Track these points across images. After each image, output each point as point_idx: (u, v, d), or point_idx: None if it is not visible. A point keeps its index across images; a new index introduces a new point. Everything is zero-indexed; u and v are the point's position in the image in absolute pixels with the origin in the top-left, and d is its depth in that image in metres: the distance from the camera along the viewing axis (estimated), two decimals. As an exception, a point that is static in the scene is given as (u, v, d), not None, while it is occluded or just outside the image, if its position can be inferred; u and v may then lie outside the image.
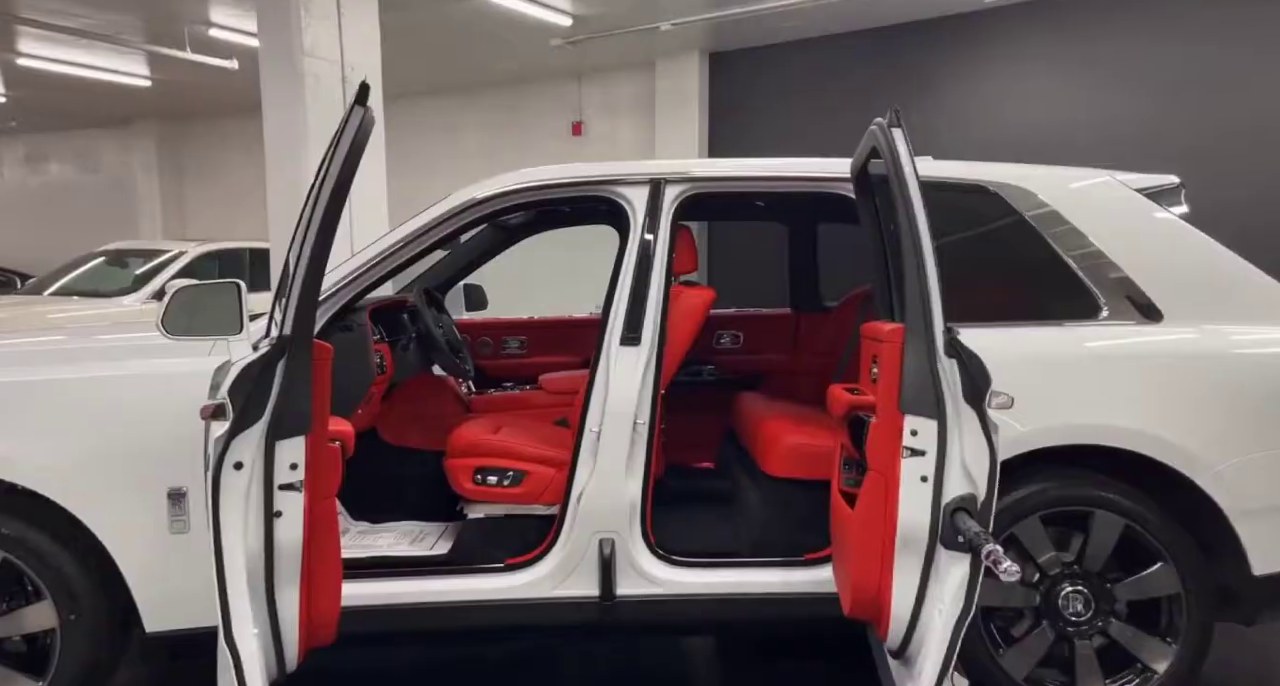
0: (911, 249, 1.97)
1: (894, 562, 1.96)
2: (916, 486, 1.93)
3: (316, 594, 1.97)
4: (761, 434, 3.04)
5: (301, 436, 1.90)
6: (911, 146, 2.06)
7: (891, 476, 1.96)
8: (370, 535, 3.10)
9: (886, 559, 1.98)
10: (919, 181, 2.01)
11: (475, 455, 2.90)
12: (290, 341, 1.88)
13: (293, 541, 1.92)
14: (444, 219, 2.79)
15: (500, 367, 4.13)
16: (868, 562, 2.01)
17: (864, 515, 2.03)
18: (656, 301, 2.75)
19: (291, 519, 1.90)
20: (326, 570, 1.99)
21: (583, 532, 2.70)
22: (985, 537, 1.79)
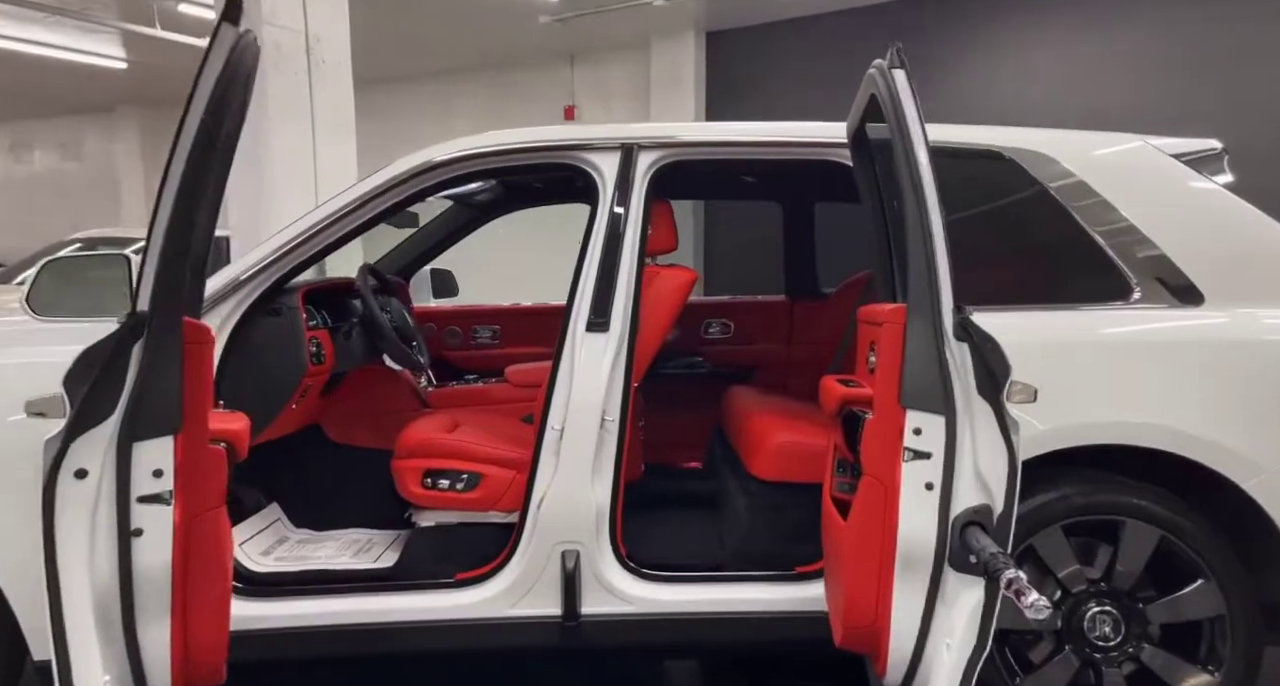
0: (916, 213, 1.67)
1: (893, 585, 1.66)
2: (920, 495, 1.63)
3: (196, 628, 1.66)
4: (749, 431, 2.74)
5: (169, 436, 1.59)
6: (917, 92, 1.76)
7: (890, 482, 1.66)
8: (310, 544, 2.81)
9: (885, 581, 1.68)
10: (925, 132, 1.70)
11: (425, 455, 2.61)
12: (150, 319, 1.56)
13: (158, 566, 1.61)
14: (395, 184, 2.49)
15: (470, 360, 3.84)
16: (862, 584, 1.71)
17: (858, 527, 1.73)
18: (628, 282, 2.45)
19: (156, 538, 1.59)
20: (209, 599, 1.68)
21: (543, 543, 2.41)
22: (1004, 560, 1.49)
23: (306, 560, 2.66)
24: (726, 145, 2.55)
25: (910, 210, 1.68)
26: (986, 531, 1.60)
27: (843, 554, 1.80)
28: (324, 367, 2.65)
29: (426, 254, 3.79)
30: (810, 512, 2.54)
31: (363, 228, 2.53)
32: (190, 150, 1.56)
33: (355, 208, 2.48)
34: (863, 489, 1.73)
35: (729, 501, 2.84)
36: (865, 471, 1.68)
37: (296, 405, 2.63)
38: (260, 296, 2.44)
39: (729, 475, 2.97)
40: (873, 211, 2.24)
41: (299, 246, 2.45)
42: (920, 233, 1.64)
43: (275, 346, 2.48)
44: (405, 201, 2.55)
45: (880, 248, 2.23)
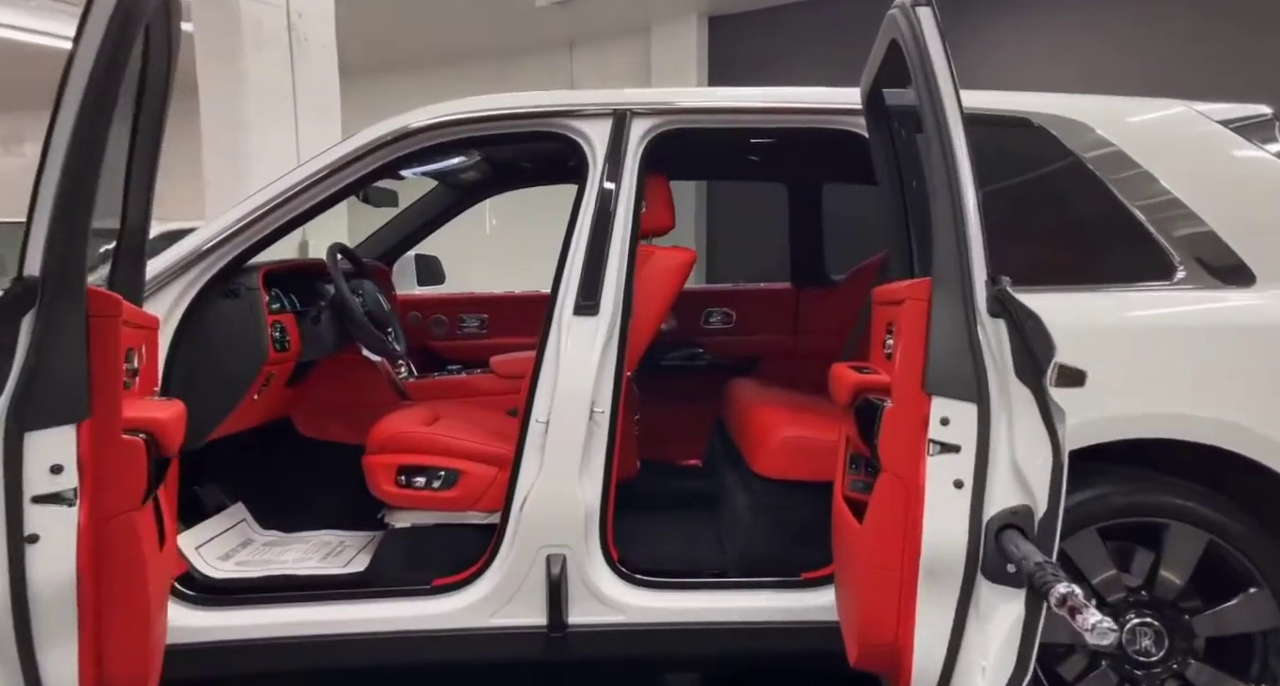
0: (942, 168, 1.46)
1: (917, 598, 1.46)
2: (948, 494, 1.43)
3: (113, 649, 1.46)
4: (751, 426, 2.54)
5: (70, 425, 1.38)
6: (945, 33, 1.55)
7: (913, 480, 1.46)
8: (277, 548, 2.62)
9: (907, 592, 1.48)
10: (954, 72, 1.50)
11: (398, 450, 2.41)
12: (43, 285, 1.35)
13: (59, 577, 1.40)
14: (366, 152, 2.29)
15: (457, 351, 3.64)
16: (881, 596, 1.51)
17: (875, 531, 1.53)
18: (619, 262, 2.26)
19: (56, 545, 1.38)
20: (128, 614, 1.48)
21: (527, 547, 2.22)
22: (1052, 572, 1.28)
23: (270, 564, 2.46)
24: (728, 112, 2.35)
25: (935, 165, 1.48)
26: (1026, 535, 1.40)
27: (857, 561, 1.60)
28: (288, 355, 2.46)
29: (410, 238, 3.60)
30: (818, 513, 2.34)
31: (331, 200, 2.33)
32: (89, 90, 1.34)
33: (322, 178, 2.28)
34: (881, 487, 1.53)
35: (730, 501, 2.65)
36: (884, 467, 1.48)
37: (259, 396, 2.44)
38: (215, 276, 2.24)
39: (730, 473, 2.77)
40: (889, 182, 2.04)
41: (259, 220, 2.25)
42: (948, 191, 1.44)
43: (232, 331, 2.29)
44: (378, 172, 2.35)
45: (896, 223, 2.03)
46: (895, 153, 2.02)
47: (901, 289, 1.55)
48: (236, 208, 2.27)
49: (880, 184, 2.07)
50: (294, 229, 2.33)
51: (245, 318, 2.31)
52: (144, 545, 1.48)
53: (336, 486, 2.83)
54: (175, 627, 2.09)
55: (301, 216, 2.31)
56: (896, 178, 2.01)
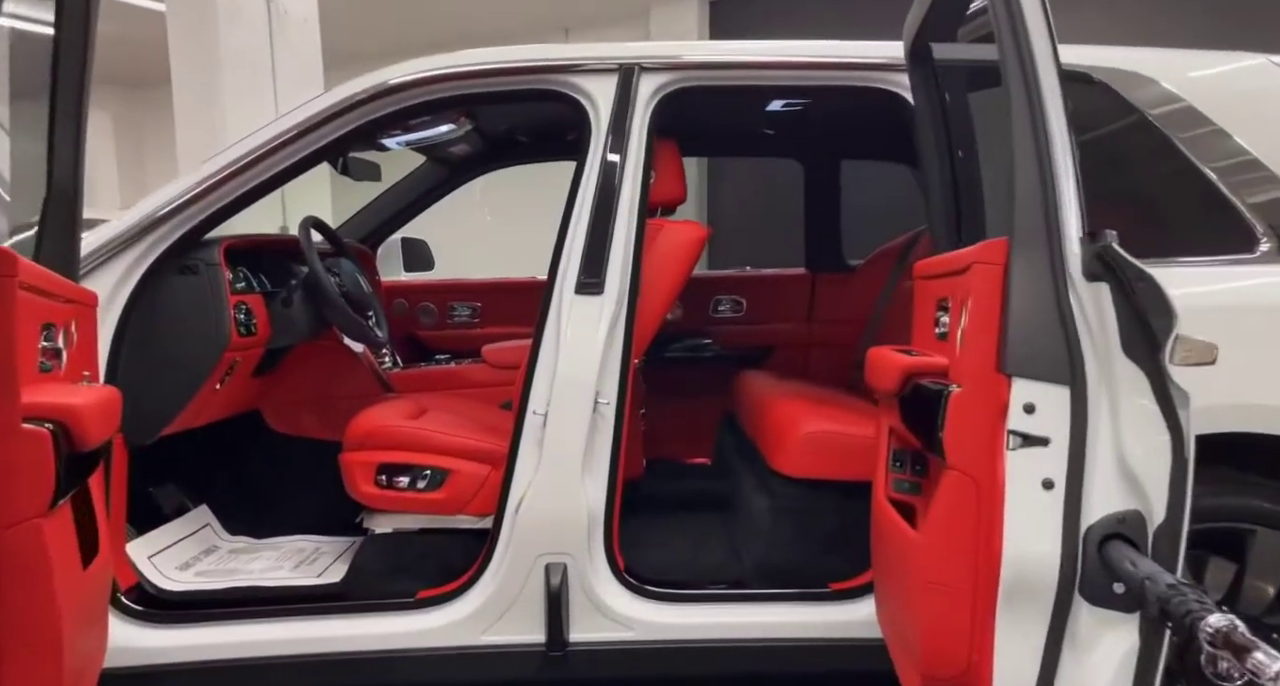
0: (1024, 107, 1.23)
1: (995, 622, 1.22)
2: (1034, 496, 1.19)
3: (10, 681, 1.22)
4: (770, 420, 2.31)
5: None
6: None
7: (988, 479, 1.22)
8: (244, 556, 2.37)
9: (982, 616, 1.24)
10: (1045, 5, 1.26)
11: (378, 446, 2.17)
12: None
13: None
14: (339, 111, 2.05)
15: (446, 341, 3.40)
16: (948, 620, 1.27)
17: (939, 540, 1.29)
18: (626, 236, 2.02)
19: None
20: (30, 639, 1.24)
21: (523, 554, 1.99)
22: (1195, 597, 1.02)
23: (235, 575, 2.22)
24: (749, 67, 2.11)
25: (1017, 105, 1.24)
26: (1137, 547, 1.16)
27: (914, 575, 1.36)
28: (255, 340, 2.21)
29: (396, 219, 3.35)
30: (847, 517, 2.12)
31: (301, 166, 2.09)
32: None
33: (290, 140, 2.04)
34: (946, 488, 1.29)
35: (746, 503, 2.41)
36: (950, 463, 1.25)
37: (223, 386, 2.19)
38: (170, 249, 2.00)
39: (745, 472, 2.54)
40: (934, 145, 1.81)
41: (219, 186, 2.01)
42: (1030, 132, 1.20)
43: (189, 312, 2.05)
44: (354, 135, 2.11)
45: (942, 191, 1.80)
46: (943, 113, 1.78)
47: (967, 254, 1.31)
48: (193, 173, 2.02)
49: (922, 148, 1.84)
50: (259, 198, 2.09)
51: (204, 297, 2.06)
52: (53, 559, 1.24)
53: (312, 487, 2.59)
54: (119, 648, 1.85)
55: (268, 183, 2.06)
56: (944, 139, 1.78)
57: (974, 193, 1.81)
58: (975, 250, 1.27)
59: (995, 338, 1.22)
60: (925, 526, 1.33)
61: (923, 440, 1.44)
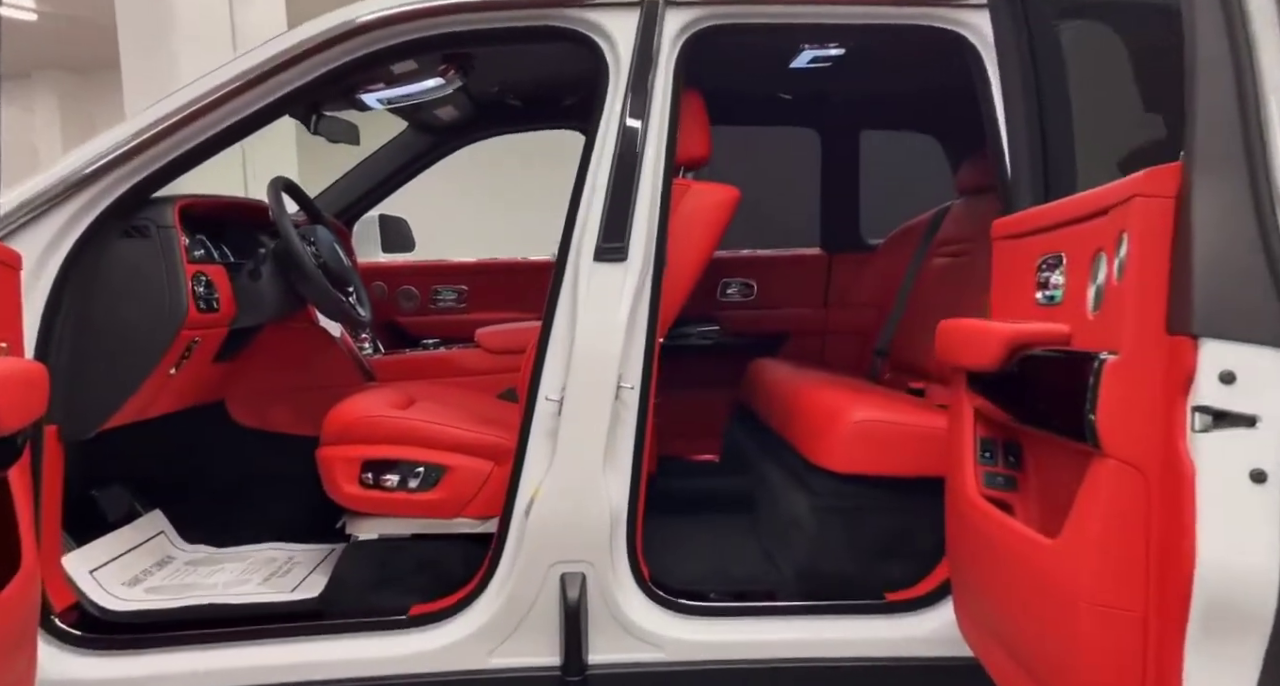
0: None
1: (1184, 656, 0.96)
2: (1237, 491, 0.93)
3: None
4: (808, 409, 2.07)
5: None
6: None
7: (1167, 470, 0.96)
8: (204, 568, 2.08)
9: (1165, 648, 0.97)
10: None
11: (363, 440, 1.89)
12: None
13: None
14: (305, 53, 1.77)
15: (429, 328, 3.11)
16: (1113, 650, 1.01)
17: (1089, 549, 1.03)
18: (652, 196, 1.78)
19: None
20: None
21: (534, 563, 1.73)
22: None
23: (194, 590, 1.93)
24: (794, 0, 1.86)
25: None
26: None
27: (1053, 593, 1.10)
28: (218, 318, 1.92)
29: (373, 193, 3.07)
30: (902, 517, 1.90)
31: (262, 117, 1.80)
32: None
33: (246, 86, 1.75)
34: (1100, 483, 1.01)
35: (778, 504, 2.16)
36: (1108, 452, 0.99)
37: (178, 370, 1.89)
38: (112, 208, 1.70)
39: (773, 469, 2.29)
40: (1018, 84, 1.57)
41: (167, 136, 1.72)
42: (1222, 21, 0.95)
43: (137, 282, 1.76)
44: (323, 84, 1.82)
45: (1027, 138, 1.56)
46: (1030, 46, 1.55)
47: (1117, 189, 1.06)
48: (133, 120, 1.73)
49: (1005, 88, 1.60)
50: (213, 152, 1.80)
51: (155, 264, 1.77)
52: None
53: (282, 488, 2.30)
54: (52, 681, 1.57)
55: (223, 136, 1.78)
56: (1030, 77, 1.54)
57: (1063, 140, 1.57)
58: (1133, 181, 1.02)
59: (1165, 289, 0.98)
60: (1069, 531, 1.08)
61: (1045, 424, 1.20)
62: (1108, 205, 1.08)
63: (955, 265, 2.76)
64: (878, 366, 2.97)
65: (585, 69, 2.66)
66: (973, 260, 2.65)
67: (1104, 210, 1.10)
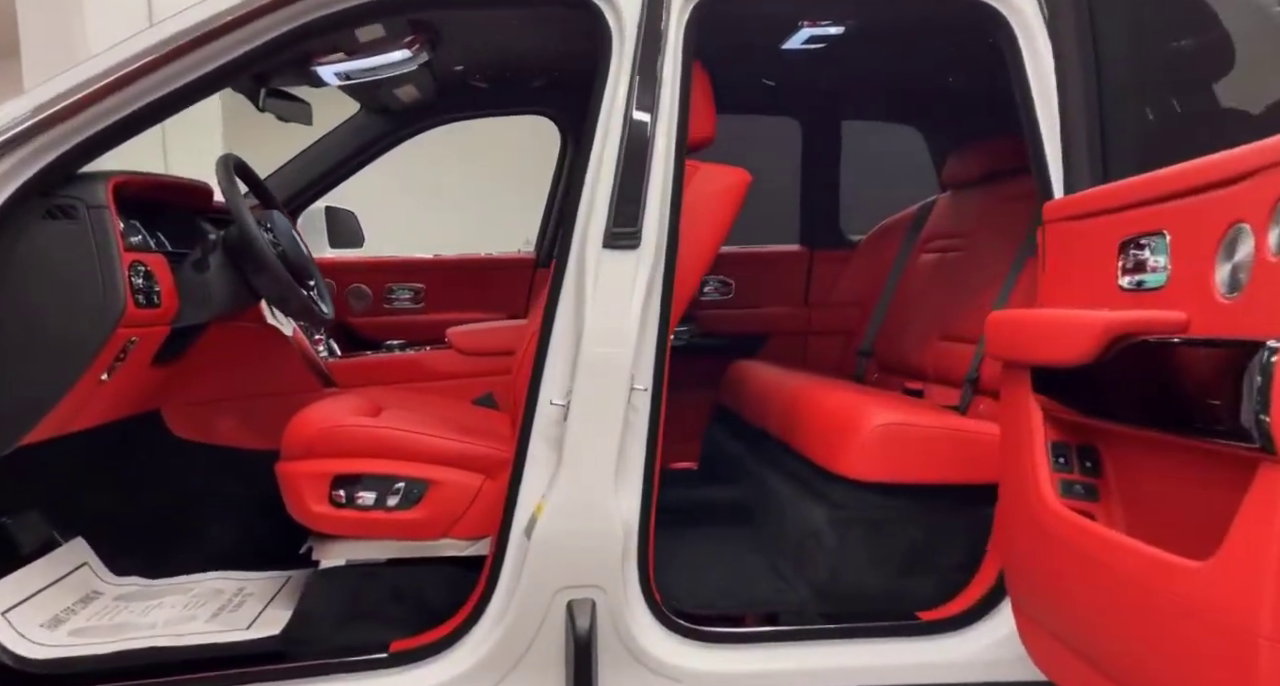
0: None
1: None
2: None
3: None
4: (825, 415, 1.92)
5: None
6: None
7: None
8: (138, 604, 1.81)
9: None
10: None
11: (334, 453, 1.67)
12: None
13: None
14: (250, 15, 1.53)
15: (384, 330, 2.86)
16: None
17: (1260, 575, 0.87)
18: (664, 179, 1.60)
19: None
20: None
21: (538, 589, 1.55)
22: None
23: (127, 631, 1.67)
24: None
25: None
26: None
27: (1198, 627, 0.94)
28: (158, 314, 1.66)
29: (321, 183, 2.82)
30: (931, 528, 1.77)
31: (204, 86, 1.57)
32: None
33: (188, 47, 1.52)
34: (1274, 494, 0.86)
35: (788, 515, 2.01)
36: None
37: (111, 375, 1.63)
38: (29, 184, 1.44)
39: (776, 478, 2.14)
40: (1078, 64, 1.45)
41: (93, 104, 1.47)
42: None
43: (64, 270, 1.50)
44: (275, 49, 1.60)
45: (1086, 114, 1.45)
46: (1090, 16, 1.43)
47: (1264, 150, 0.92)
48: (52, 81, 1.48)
49: (1063, 65, 1.48)
50: (148, 125, 1.56)
51: (85, 250, 1.52)
52: None
53: (229, 509, 2.04)
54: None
55: (160, 105, 1.54)
56: (1091, 54, 1.43)
57: (1122, 116, 1.46)
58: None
59: None
60: (1230, 552, 0.92)
61: (1167, 424, 1.05)
62: (1252, 169, 0.95)
63: (946, 261, 2.66)
64: (863, 367, 2.85)
65: (559, 49, 2.50)
66: (967, 254, 2.56)
67: (1242, 176, 0.97)
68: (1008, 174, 2.49)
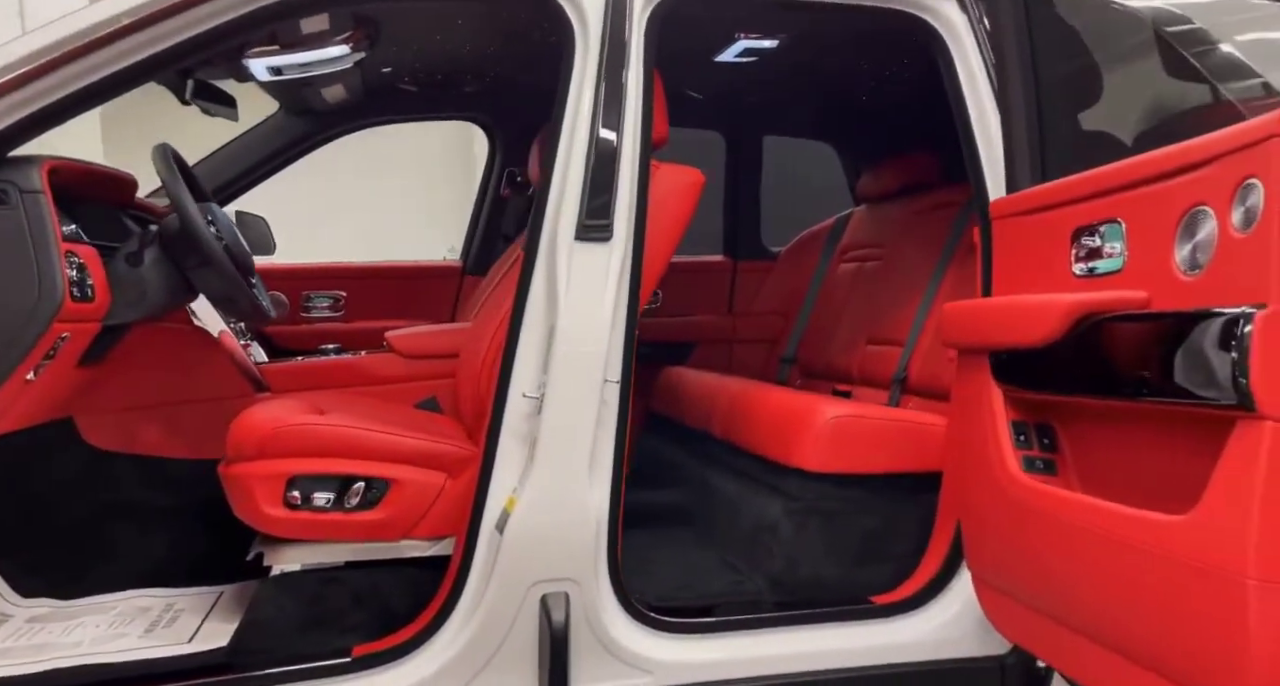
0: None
1: None
2: None
3: None
4: (777, 412, 1.99)
5: None
6: None
7: None
8: (56, 625, 1.69)
9: None
10: None
11: (289, 453, 1.61)
12: None
13: None
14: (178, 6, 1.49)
15: (304, 339, 2.76)
16: None
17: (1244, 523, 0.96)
18: (633, 172, 1.64)
19: None
20: None
21: (511, 584, 1.54)
22: None
23: (51, 651, 1.55)
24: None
25: None
26: None
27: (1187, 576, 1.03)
28: (92, 309, 1.57)
29: (231, 186, 2.72)
30: (882, 516, 1.87)
31: (137, 73, 1.51)
32: None
33: (119, 35, 1.46)
34: (1256, 447, 0.95)
35: (740, 512, 2.06)
36: (1264, 413, 0.95)
37: (37, 374, 1.52)
38: None
39: (724, 477, 2.20)
40: (1018, 67, 1.58)
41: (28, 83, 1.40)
42: None
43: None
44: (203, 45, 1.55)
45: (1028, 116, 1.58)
46: (1028, 22, 1.57)
47: (1253, 129, 1.02)
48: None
49: (1003, 69, 1.60)
50: (77, 112, 1.50)
51: (18, 237, 1.42)
52: None
53: (151, 523, 1.93)
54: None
55: (91, 91, 1.48)
56: (1030, 59, 1.56)
57: (1055, 122, 1.60)
58: (1264, 124, 1.00)
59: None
60: (1211, 505, 1.01)
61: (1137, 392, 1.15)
62: (1210, 157, 1.07)
63: (865, 270, 2.80)
64: (786, 373, 2.95)
65: (495, 54, 2.51)
66: (887, 263, 2.71)
67: (1201, 163, 1.09)
68: (923, 187, 2.67)
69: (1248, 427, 0.98)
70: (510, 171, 2.91)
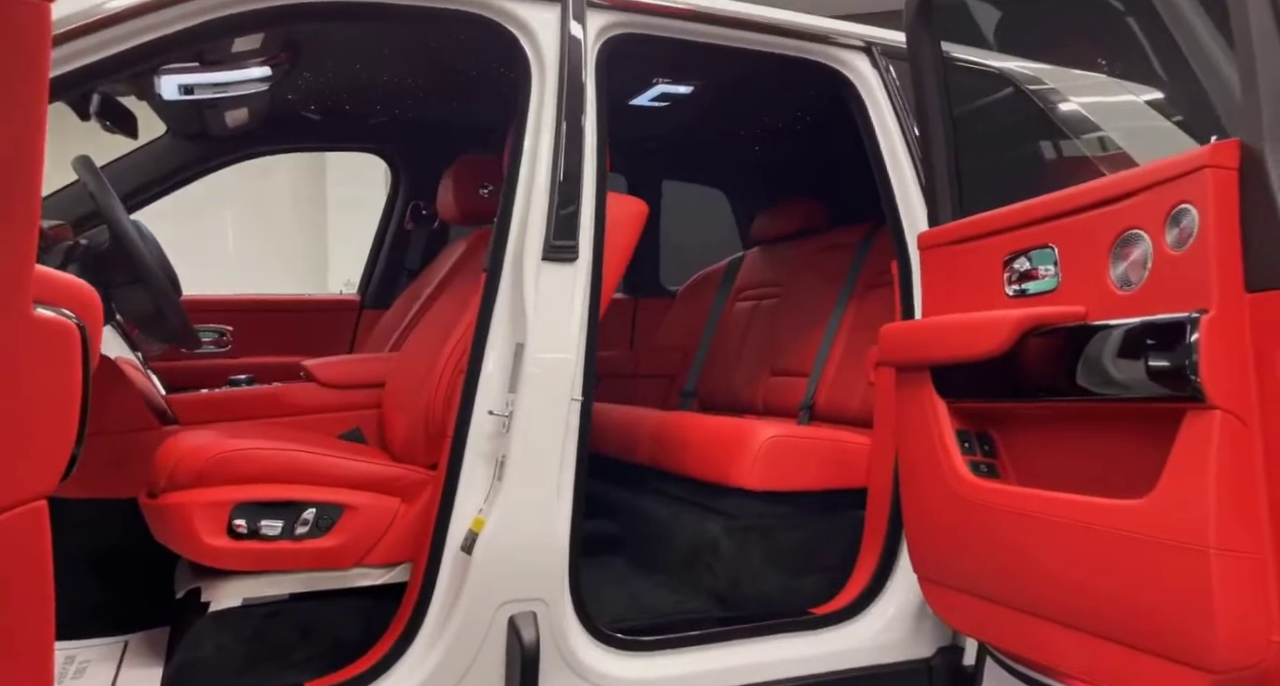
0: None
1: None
2: None
3: None
4: (714, 435, 2.09)
5: None
6: None
7: (1269, 419, 1.11)
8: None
9: None
10: None
11: (234, 480, 1.54)
12: None
13: None
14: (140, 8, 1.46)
15: (187, 375, 2.60)
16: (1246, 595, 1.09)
17: (1200, 502, 1.12)
18: (593, 196, 1.72)
19: None
20: None
21: (480, 606, 1.54)
22: None
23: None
24: (709, 20, 1.93)
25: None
26: None
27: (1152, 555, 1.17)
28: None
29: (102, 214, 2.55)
30: (817, 530, 1.98)
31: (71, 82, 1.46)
32: None
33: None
34: (1206, 434, 1.10)
35: (676, 534, 2.13)
36: (1214, 403, 1.12)
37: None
38: None
39: (654, 502, 2.26)
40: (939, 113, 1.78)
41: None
42: None
43: None
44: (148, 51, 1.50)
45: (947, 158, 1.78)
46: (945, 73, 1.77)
47: (1187, 160, 1.20)
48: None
49: (924, 114, 1.80)
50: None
51: None
52: None
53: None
54: None
55: None
56: (947, 105, 1.77)
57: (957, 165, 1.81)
58: (1197, 155, 1.19)
59: (1239, 252, 1.15)
60: (1168, 487, 1.17)
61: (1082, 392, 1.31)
62: (1141, 186, 1.26)
63: (762, 307, 2.98)
64: (687, 406, 3.06)
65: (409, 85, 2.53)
66: (784, 301, 2.89)
67: (1132, 193, 1.28)
68: (816, 229, 2.88)
69: (1198, 416, 1.15)
70: (415, 205, 2.90)
